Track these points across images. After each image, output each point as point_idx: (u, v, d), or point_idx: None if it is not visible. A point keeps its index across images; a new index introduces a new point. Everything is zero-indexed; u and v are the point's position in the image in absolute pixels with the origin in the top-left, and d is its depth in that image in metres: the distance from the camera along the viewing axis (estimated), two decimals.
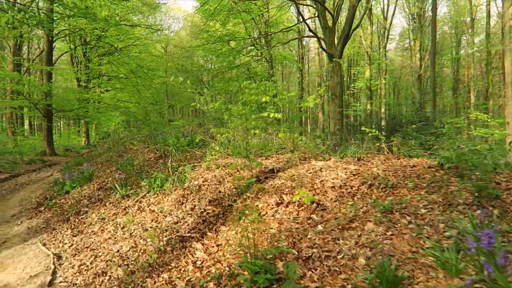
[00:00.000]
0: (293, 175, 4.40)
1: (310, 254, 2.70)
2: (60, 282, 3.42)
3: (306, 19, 16.36)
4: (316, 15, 14.82)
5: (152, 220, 4.27)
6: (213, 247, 3.39)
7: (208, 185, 4.80)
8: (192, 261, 3.18)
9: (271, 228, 3.30)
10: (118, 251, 3.75)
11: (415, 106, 19.29)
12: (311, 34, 16.21)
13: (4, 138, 19.04)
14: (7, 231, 5.36)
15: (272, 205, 3.64)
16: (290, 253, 2.76)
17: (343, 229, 2.97)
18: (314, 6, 14.23)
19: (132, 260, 3.50)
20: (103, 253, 3.83)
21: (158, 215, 4.36)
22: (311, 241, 2.93)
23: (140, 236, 3.97)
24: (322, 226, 3.09)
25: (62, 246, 4.29)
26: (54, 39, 15.76)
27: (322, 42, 13.63)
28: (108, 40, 18.03)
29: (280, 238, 3.10)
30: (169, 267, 3.19)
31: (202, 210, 4.08)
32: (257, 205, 3.73)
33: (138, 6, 19.54)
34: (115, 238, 4.11)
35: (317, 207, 3.47)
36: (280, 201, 3.65)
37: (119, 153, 7.91)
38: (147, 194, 5.06)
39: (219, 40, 17.68)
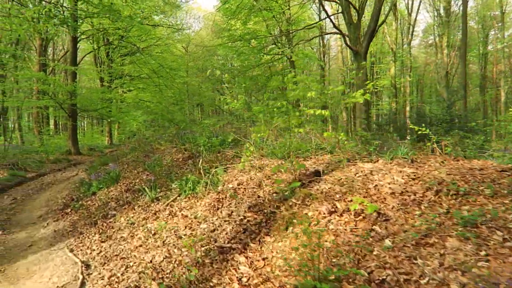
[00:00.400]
0: (341, 179, 3.93)
1: (384, 277, 2.24)
2: None
3: (330, 15, 15.81)
4: (340, 11, 14.27)
5: (185, 227, 3.91)
6: (258, 261, 2.98)
7: (245, 188, 4.40)
8: (236, 277, 2.79)
9: (326, 241, 2.87)
10: (151, 261, 3.41)
11: (445, 104, 18.33)
12: (335, 30, 15.66)
13: (31, 137, 19.43)
14: (33, 234, 5.16)
15: (324, 213, 3.20)
16: (358, 274, 2.31)
17: (418, 246, 2.49)
18: (338, 1, 13.70)
19: (167, 273, 3.14)
20: (135, 263, 3.49)
21: (192, 221, 4.00)
22: (379, 259, 2.47)
23: (174, 244, 3.62)
24: (390, 241, 2.62)
25: (90, 253, 4.00)
26: (78, 40, 15.87)
27: (347, 39, 13.08)
28: (131, 40, 18.06)
29: (339, 254, 2.66)
30: (211, 284, 2.81)
31: (242, 217, 3.68)
32: (306, 214, 3.30)
33: (160, 5, 19.50)
34: (147, 246, 3.78)
35: (378, 217, 3.00)
36: (333, 209, 3.20)
37: (146, 153, 7.66)
38: (178, 198, 4.72)
39: (240, 39, 17.39)
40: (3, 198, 7.55)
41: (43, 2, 7.38)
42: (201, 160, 5.20)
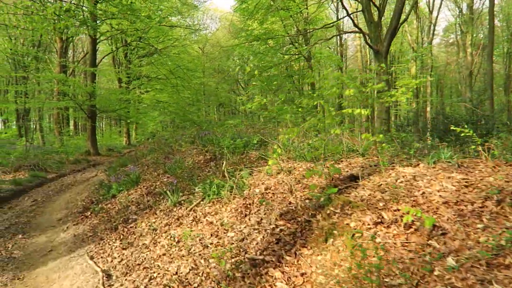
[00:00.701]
0: (381, 184, 3.58)
1: None
2: None
3: (351, 14, 15.36)
4: (360, 9, 13.84)
5: (211, 235, 3.64)
6: (296, 276, 2.68)
7: (273, 193, 4.10)
8: None
9: (374, 257, 2.53)
10: (176, 272, 3.15)
11: (473, 104, 17.51)
12: (355, 29, 15.21)
13: (52, 138, 19.74)
14: (53, 238, 5.02)
15: (369, 224, 2.86)
16: None
17: (491, 267, 2.13)
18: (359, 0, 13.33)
19: (194, 287, 2.88)
20: (159, 274, 3.24)
21: (218, 228, 3.73)
22: (443, 281, 2.12)
23: (200, 254, 3.35)
24: (453, 259, 2.27)
25: (111, 261, 3.78)
26: (98, 41, 15.98)
27: (367, 38, 12.69)
28: (149, 41, 18.11)
29: (391, 272, 2.33)
30: None
31: (273, 225, 3.38)
32: (348, 224, 2.97)
33: (177, 6, 19.49)
34: (171, 255, 3.53)
35: (432, 230, 2.64)
36: (379, 220, 2.86)
37: (166, 155, 7.47)
38: (202, 202, 4.46)
39: (257, 39, 17.18)
40: (24, 199, 7.52)
41: (63, 1, 7.34)
42: (225, 162, 4.93)
